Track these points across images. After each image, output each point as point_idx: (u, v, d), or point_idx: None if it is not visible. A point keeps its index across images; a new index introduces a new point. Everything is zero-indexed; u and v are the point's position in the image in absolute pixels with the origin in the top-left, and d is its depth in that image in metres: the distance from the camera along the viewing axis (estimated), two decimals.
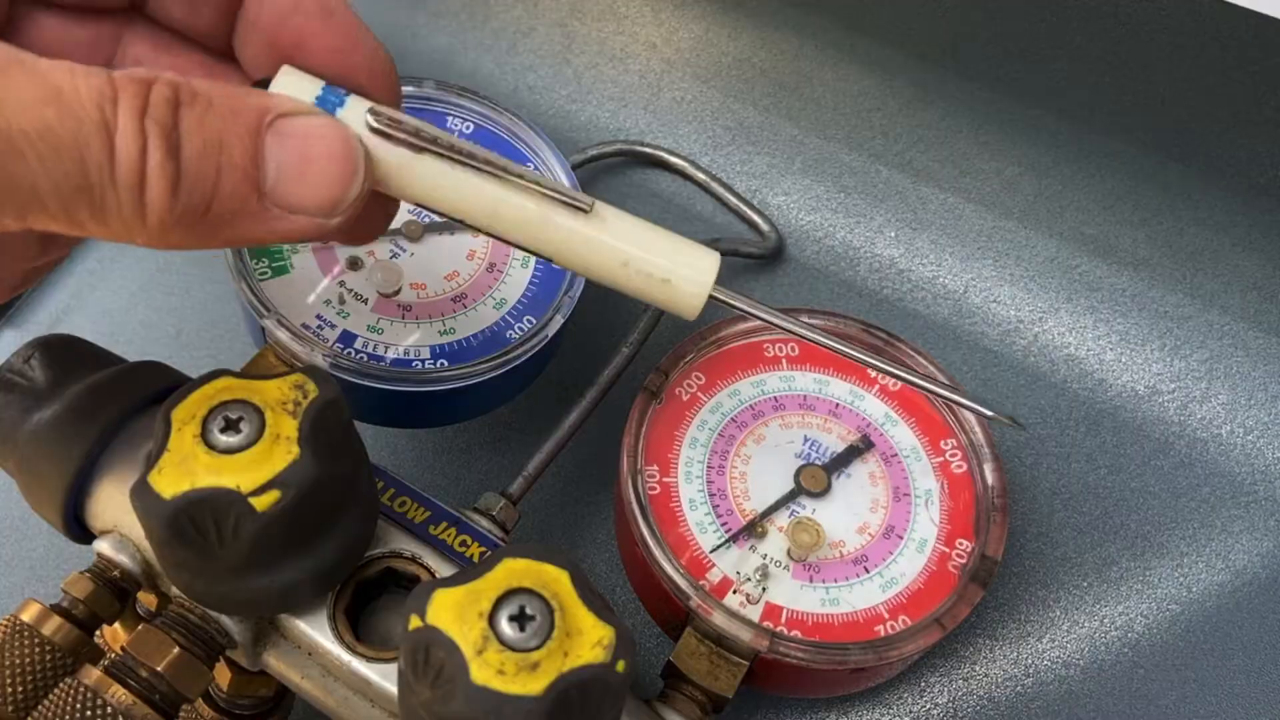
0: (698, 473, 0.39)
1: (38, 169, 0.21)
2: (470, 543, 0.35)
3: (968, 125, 0.54)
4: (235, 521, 0.27)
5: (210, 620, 0.32)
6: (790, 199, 0.55)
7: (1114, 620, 0.45)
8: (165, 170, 0.22)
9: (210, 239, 0.24)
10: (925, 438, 0.40)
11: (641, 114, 0.58)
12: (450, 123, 0.44)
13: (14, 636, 0.31)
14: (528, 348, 0.39)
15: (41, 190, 0.22)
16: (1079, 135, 0.52)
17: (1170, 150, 0.50)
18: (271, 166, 0.24)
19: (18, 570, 0.46)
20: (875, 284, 0.53)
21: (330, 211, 0.25)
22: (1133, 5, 0.46)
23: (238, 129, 0.24)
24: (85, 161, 0.22)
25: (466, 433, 0.49)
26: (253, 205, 0.24)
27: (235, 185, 0.24)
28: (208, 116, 0.23)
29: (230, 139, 0.24)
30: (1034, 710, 0.43)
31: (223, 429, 0.28)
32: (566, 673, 0.25)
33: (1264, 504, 0.47)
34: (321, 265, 0.40)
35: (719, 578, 0.37)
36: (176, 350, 0.50)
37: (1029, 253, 0.53)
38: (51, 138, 0.21)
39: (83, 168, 0.22)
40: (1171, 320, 0.51)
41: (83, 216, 0.22)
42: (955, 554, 0.38)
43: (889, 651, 0.35)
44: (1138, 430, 0.49)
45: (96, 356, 0.36)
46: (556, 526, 0.47)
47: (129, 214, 0.23)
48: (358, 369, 0.37)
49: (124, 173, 0.22)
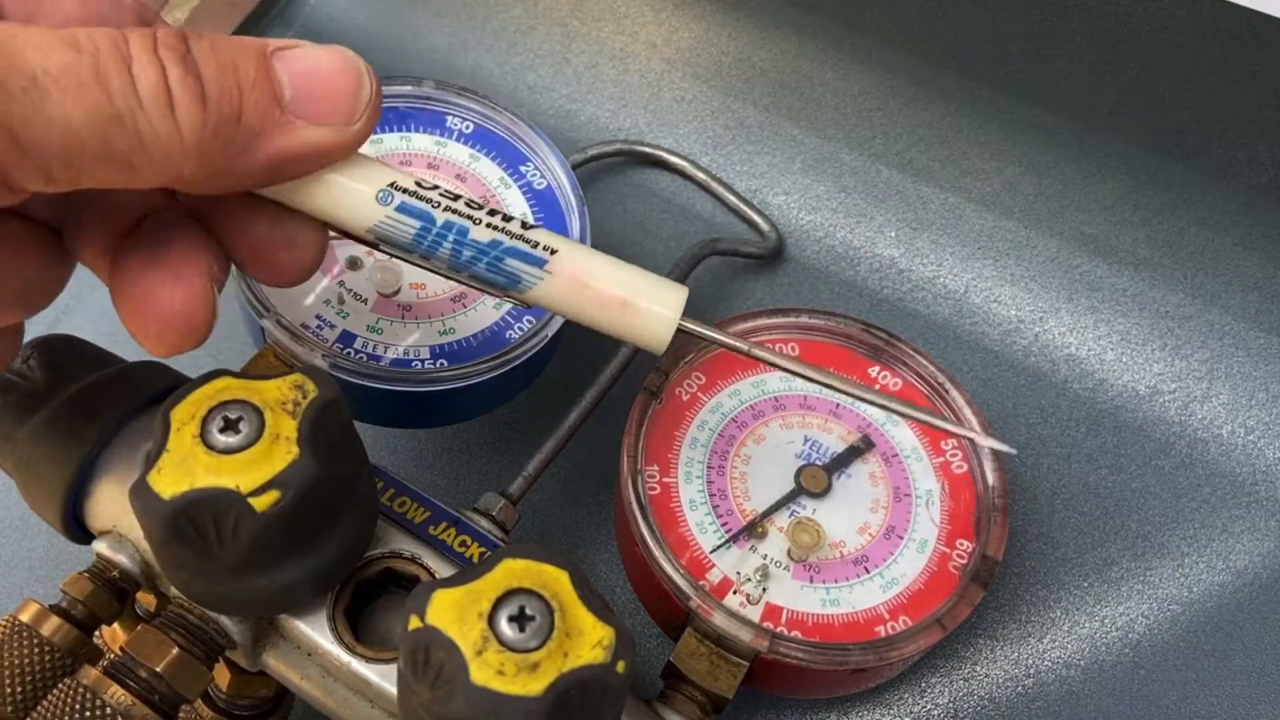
0: (698, 473, 0.39)
1: (66, 104, 0.22)
2: (470, 543, 0.35)
3: (968, 125, 0.54)
4: (235, 522, 0.27)
5: (210, 620, 0.32)
6: (790, 199, 0.55)
7: (1115, 621, 0.45)
8: (188, 86, 0.24)
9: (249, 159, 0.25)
10: (926, 438, 0.40)
11: (641, 114, 0.58)
12: (450, 122, 0.44)
13: (13, 637, 0.31)
14: (528, 348, 0.39)
15: (77, 125, 0.22)
16: (1079, 135, 0.52)
17: (1170, 150, 0.50)
18: (284, 81, 0.26)
19: (17, 570, 0.46)
20: (875, 284, 0.53)
21: (349, 117, 0.26)
22: (1133, 5, 0.46)
23: (246, 53, 0.25)
24: (110, 90, 0.23)
25: (466, 433, 0.49)
26: (277, 116, 0.25)
27: (257, 98, 0.25)
28: (216, 45, 0.25)
29: (242, 61, 0.25)
30: (1035, 710, 0.43)
31: (222, 429, 0.27)
32: (566, 673, 0.25)
33: (1265, 504, 0.47)
34: (321, 265, 0.40)
35: (719, 578, 0.37)
36: None
37: (1030, 252, 0.53)
38: (74, 73, 0.22)
39: (109, 95, 0.23)
40: (1172, 320, 0.51)
41: (123, 148, 0.23)
42: (956, 554, 0.38)
43: (889, 652, 0.35)
44: (1139, 430, 0.49)
45: (96, 356, 0.36)
46: (556, 526, 0.47)
47: (165, 135, 0.23)
48: (357, 369, 0.37)
49: (148, 93, 0.23)
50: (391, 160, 0.43)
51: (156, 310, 0.27)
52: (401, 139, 0.43)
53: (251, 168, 0.25)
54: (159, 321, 0.27)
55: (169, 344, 0.27)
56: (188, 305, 0.27)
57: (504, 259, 0.28)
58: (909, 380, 0.41)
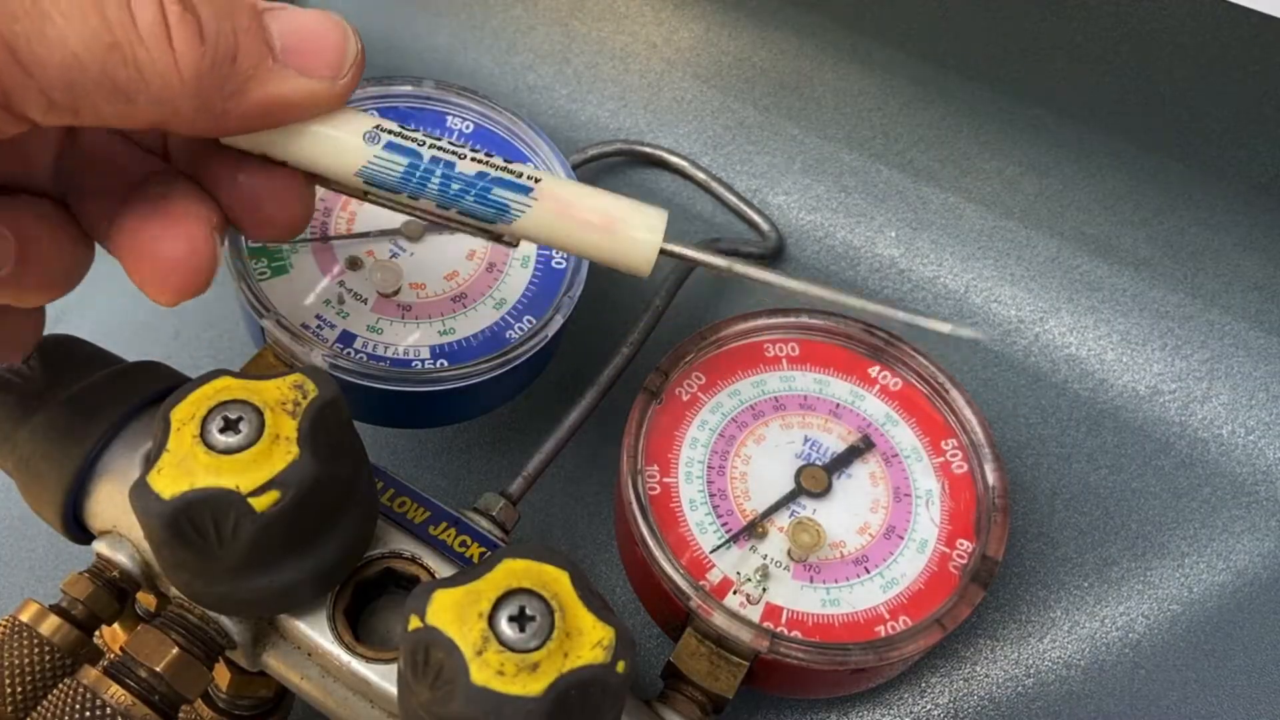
0: (698, 473, 0.39)
1: (66, 28, 0.23)
2: (470, 543, 0.35)
3: (968, 125, 0.54)
4: (234, 522, 0.27)
5: (210, 620, 0.32)
6: (790, 199, 0.55)
7: (1115, 621, 0.45)
8: (186, 20, 0.24)
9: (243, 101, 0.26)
10: (926, 438, 0.40)
11: (641, 114, 0.58)
12: (450, 122, 0.44)
13: (13, 637, 0.31)
14: (528, 348, 0.39)
15: (76, 48, 0.23)
16: (1079, 135, 0.52)
17: (1171, 150, 0.50)
18: (275, 32, 0.27)
19: (17, 570, 0.46)
20: (875, 284, 0.53)
21: (336, 71, 0.27)
22: (1133, 5, 0.46)
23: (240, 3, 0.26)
24: (108, 19, 0.23)
25: (466, 433, 0.49)
26: (269, 64, 0.26)
27: (251, 43, 0.26)
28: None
29: (236, 9, 0.26)
30: (1035, 710, 0.43)
31: (222, 429, 0.27)
32: (566, 673, 0.25)
33: (1265, 504, 0.47)
34: (321, 265, 0.40)
35: (719, 578, 0.37)
36: (176, 350, 0.50)
37: (1030, 252, 0.53)
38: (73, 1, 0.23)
39: (107, 24, 0.23)
40: (1173, 320, 0.51)
41: (122, 77, 0.24)
42: (956, 554, 0.38)
43: (889, 652, 0.35)
44: (1139, 430, 0.49)
45: (96, 356, 0.36)
46: (556, 526, 0.47)
47: (164, 67, 0.24)
48: (357, 369, 0.37)
49: (146, 26, 0.24)
50: None
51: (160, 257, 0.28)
52: None
53: (245, 108, 0.26)
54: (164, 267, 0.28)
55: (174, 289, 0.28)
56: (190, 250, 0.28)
57: (491, 189, 0.29)
58: (909, 380, 0.41)
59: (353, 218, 0.41)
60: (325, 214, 0.41)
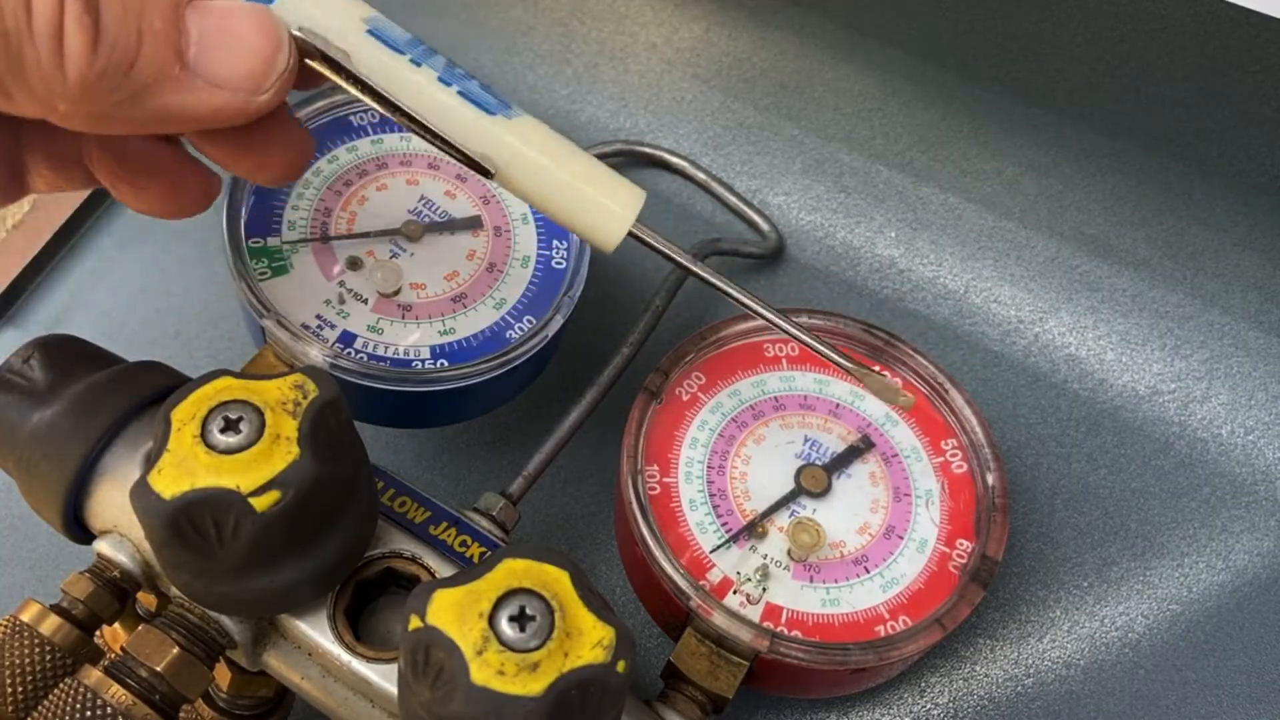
0: (698, 473, 0.39)
1: None
2: (470, 543, 0.35)
3: (968, 125, 0.54)
4: (235, 522, 0.27)
5: (210, 620, 0.32)
6: (790, 199, 0.55)
7: (1114, 620, 0.45)
8: (83, 24, 0.23)
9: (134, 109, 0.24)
10: (926, 438, 0.40)
11: (641, 114, 0.58)
12: None
13: (14, 636, 0.31)
14: (528, 348, 0.39)
15: None
16: (1079, 135, 0.52)
17: (1170, 150, 0.50)
18: (194, 35, 0.24)
19: (18, 570, 0.46)
20: (875, 284, 0.53)
21: (255, 87, 0.25)
22: (1133, 5, 0.46)
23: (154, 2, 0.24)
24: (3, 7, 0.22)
25: (466, 433, 0.49)
26: (175, 72, 0.24)
27: (157, 50, 0.24)
28: None
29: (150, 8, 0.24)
30: (1035, 710, 0.43)
31: (222, 429, 0.28)
32: (566, 673, 0.25)
33: (1264, 504, 0.47)
34: (321, 265, 0.40)
35: (719, 578, 0.37)
36: (176, 350, 0.50)
37: (1029, 253, 0.53)
38: None
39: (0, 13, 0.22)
40: (1172, 320, 0.51)
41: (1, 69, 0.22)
42: (956, 554, 0.38)
43: (889, 652, 0.35)
44: (1138, 430, 0.49)
45: (96, 356, 0.36)
46: (556, 526, 0.47)
47: (48, 69, 0.23)
48: (358, 369, 0.37)
49: (41, 22, 0.22)
50: (392, 160, 0.43)
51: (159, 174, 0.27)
52: (401, 139, 0.44)
53: (138, 115, 0.25)
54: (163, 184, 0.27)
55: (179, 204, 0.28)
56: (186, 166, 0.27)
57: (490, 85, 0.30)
58: (909, 380, 0.41)
59: (353, 218, 0.41)
60: (325, 214, 0.41)
